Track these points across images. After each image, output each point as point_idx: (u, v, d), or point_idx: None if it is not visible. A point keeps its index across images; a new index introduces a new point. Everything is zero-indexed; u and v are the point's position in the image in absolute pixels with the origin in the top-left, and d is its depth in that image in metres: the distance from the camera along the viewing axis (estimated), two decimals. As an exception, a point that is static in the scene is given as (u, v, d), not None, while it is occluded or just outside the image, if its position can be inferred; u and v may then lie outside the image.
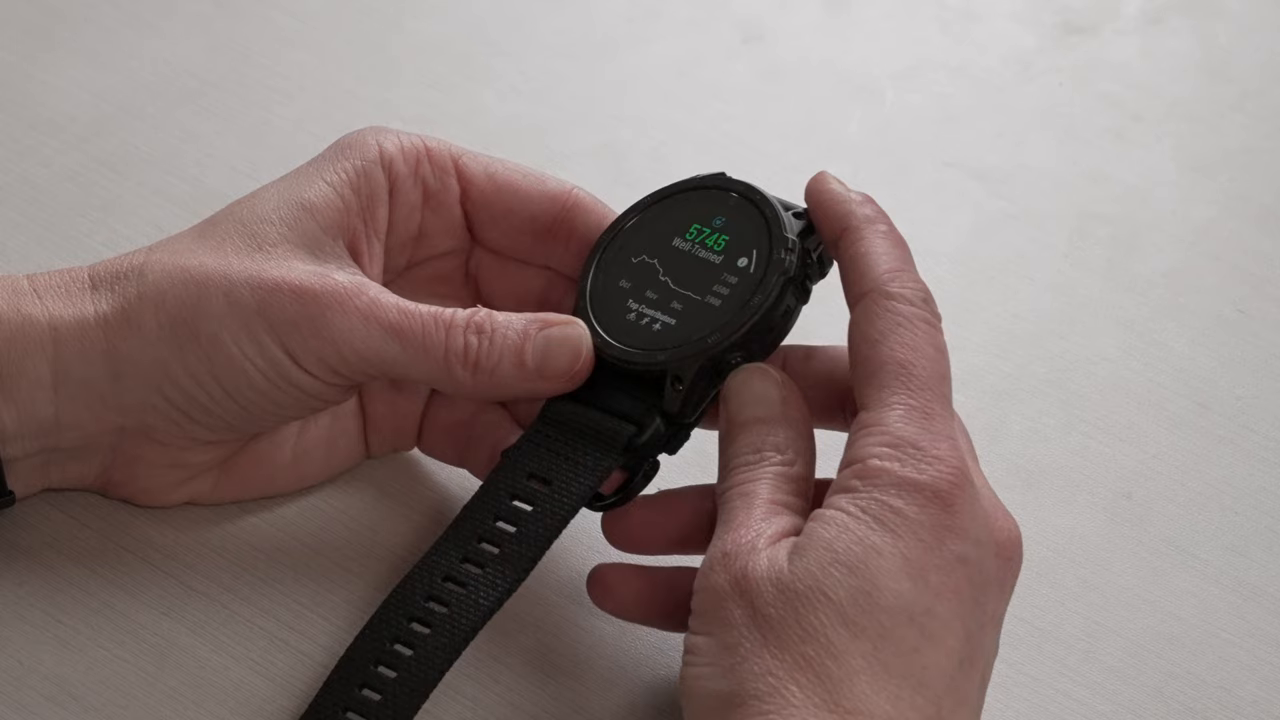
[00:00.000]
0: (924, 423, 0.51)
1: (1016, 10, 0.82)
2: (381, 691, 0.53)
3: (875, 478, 0.51)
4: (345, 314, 0.56)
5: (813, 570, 0.49)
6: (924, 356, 0.53)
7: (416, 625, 0.54)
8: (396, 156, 0.60)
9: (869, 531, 0.50)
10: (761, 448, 0.54)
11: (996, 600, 0.51)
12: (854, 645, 0.49)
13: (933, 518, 0.50)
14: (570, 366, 0.57)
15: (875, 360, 0.53)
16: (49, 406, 0.56)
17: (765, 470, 0.53)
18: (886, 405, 0.52)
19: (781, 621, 0.49)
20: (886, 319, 0.53)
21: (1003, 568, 0.52)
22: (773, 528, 0.51)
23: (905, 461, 0.51)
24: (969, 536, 0.50)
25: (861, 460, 0.51)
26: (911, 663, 0.49)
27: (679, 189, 0.60)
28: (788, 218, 0.58)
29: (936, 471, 0.50)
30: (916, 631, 0.49)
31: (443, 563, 0.55)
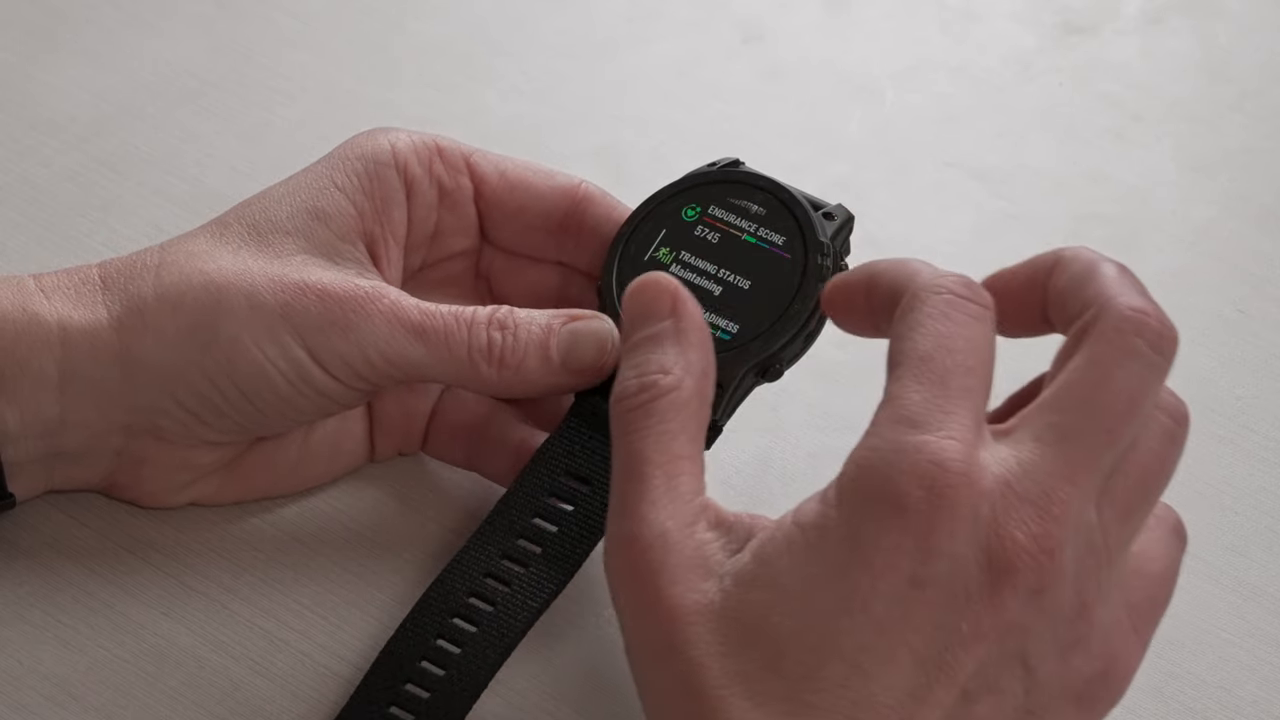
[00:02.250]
0: (912, 418, 0.47)
1: (1016, 10, 0.82)
2: (430, 688, 0.53)
3: (844, 488, 0.47)
4: (369, 317, 0.56)
5: (751, 609, 0.47)
6: (940, 344, 0.48)
7: (460, 621, 0.54)
8: (410, 157, 0.60)
9: (815, 564, 0.47)
10: (644, 370, 0.50)
11: (981, 616, 0.47)
12: (773, 686, 0.46)
13: (891, 540, 0.46)
14: (597, 360, 0.57)
15: (893, 355, 0.49)
16: (54, 407, 0.56)
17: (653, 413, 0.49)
18: (884, 401, 0.48)
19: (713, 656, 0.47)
20: (918, 311, 0.49)
21: (992, 581, 0.46)
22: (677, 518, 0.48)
23: (876, 470, 0.47)
24: (939, 553, 0.46)
25: (844, 465, 0.48)
26: (839, 699, 0.46)
27: (698, 181, 0.60)
28: (818, 218, 0.58)
29: (906, 479, 0.46)
30: (846, 668, 0.46)
31: (483, 559, 0.55)
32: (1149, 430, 0.49)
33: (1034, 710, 0.48)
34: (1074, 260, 0.51)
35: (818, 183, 0.62)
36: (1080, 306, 0.50)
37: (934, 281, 0.49)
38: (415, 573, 0.59)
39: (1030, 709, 0.48)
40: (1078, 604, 0.48)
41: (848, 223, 0.59)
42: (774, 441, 0.64)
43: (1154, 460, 0.49)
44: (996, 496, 0.47)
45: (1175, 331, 0.49)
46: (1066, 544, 0.47)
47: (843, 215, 0.59)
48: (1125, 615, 0.49)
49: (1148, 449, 0.49)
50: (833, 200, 0.60)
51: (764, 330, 0.57)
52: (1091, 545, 0.48)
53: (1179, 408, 0.50)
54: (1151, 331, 0.49)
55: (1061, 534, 0.47)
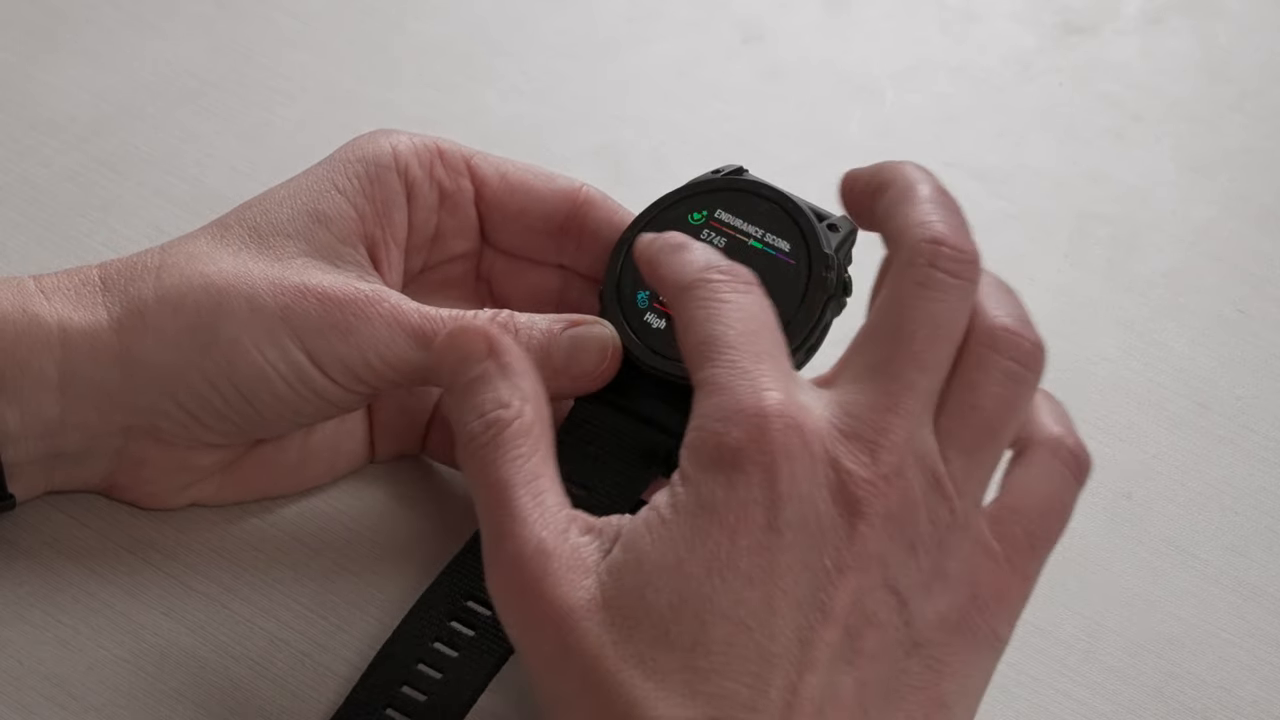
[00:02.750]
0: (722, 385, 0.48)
1: (1016, 10, 0.82)
2: (426, 691, 0.54)
3: (684, 466, 0.48)
4: (369, 320, 0.56)
5: (628, 593, 0.47)
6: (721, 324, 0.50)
7: (458, 625, 0.54)
8: (411, 159, 0.60)
9: (675, 537, 0.47)
10: (483, 409, 0.50)
11: (841, 550, 0.47)
12: (667, 660, 0.46)
13: (737, 496, 0.47)
14: (597, 366, 0.57)
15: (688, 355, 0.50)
16: (54, 407, 0.56)
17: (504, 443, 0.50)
18: (695, 388, 0.49)
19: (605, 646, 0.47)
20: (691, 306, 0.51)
21: (843, 514, 0.48)
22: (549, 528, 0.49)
23: (704, 437, 0.48)
24: (786, 496, 0.47)
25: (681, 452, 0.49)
26: (731, 657, 0.46)
27: (701, 189, 0.60)
28: (823, 230, 0.58)
29: (734, 434, 0.48)
30: (729, 626, 0.47)
31: (479, 566, 0.55)
32: (985, 369, 0.50)
33: (919, 642, 0.48)
34: (893, 181, 0.52)
35: (817, 184, 0.62)
36: (892, 234, 0.51)
37: (695, 275, 0.51)
38: (415, 573, 0.59)
39: (915, 641, 0.48)
40: (932, 532, 0.49)
41: (851, 234, 0.59)
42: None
43: (992, 398, 0.50)
44: (826, 434, 0.48)
45: (975, 253, 0.51)
46: (906, 469, 0.48)
47: (846, 226, 0.58)
48: (993, 544, 0.50)
49: (985, 388, 0.50)
50: (834, 204, 0.60)
51: None
52: (935, 476, 0.49)
53: (1021, 344, 0.51)
54: (947, 259, 0.50)
55: (897, 460, 0.48)
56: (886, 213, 0.52)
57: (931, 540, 0.49)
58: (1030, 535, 0.51)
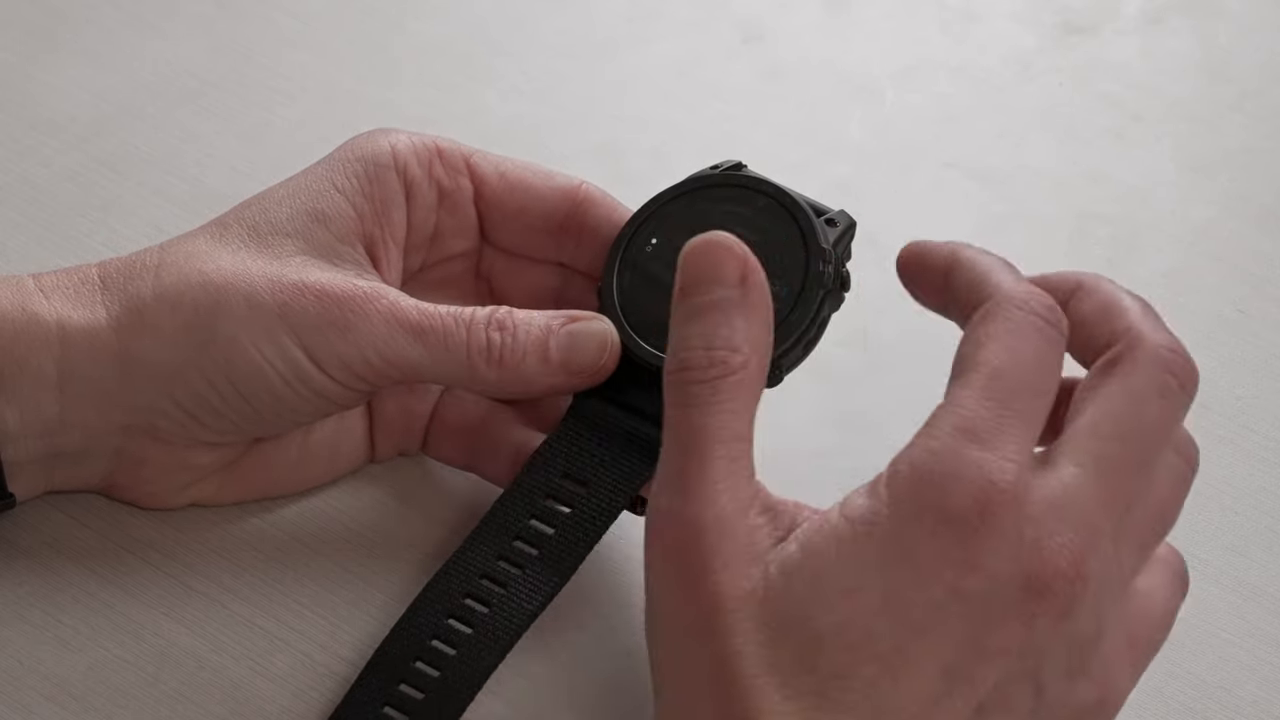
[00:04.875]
0: (974, 431, 0.47)
1: (1016, 10, 0.82)
2: (424, 689, 0.53)
3: (897, 488, 0.47)
4: (367, 317, 0.56)
5: (794, 600, 0.47)
6: (1016, 362, 0.49)
7: (455, 622, 0.54)
8: (410, 158, 0.60)
9: (861, 560, 0.47)
10: (712, 344, 0.49)
11: (1011, 633, 0.47)
12: (805, 680, 0.46)
13: (938, 548, 0.46)
14: (596, 361, 0.57)
15: (965, 359, 0.49)
16: (53, 406, 0.56)
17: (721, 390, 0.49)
18: (947, 404, 0.48)
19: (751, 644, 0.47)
20: (998, 323, 0.49)
21: (1026, 601, 0.47)
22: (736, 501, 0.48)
23: (931, 477, 0.47)
24: (981, 568, 0.46)
25: (897, 461, 0.48)
26: (865, 698, 0.46)
27: (700, 184, 0.60)
28: (820, 224, 0.58)
29: (961, 492, 0.47)
30: (878, 669, 0.46)
31: (479, 560, 0.55)
32: (1166, 468, 0.51)
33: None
34: (1096, 289, 0.52)
35: (817, 183, 0.62)
36: (1108, 336, 0.51)
37: (1018, 295, 0.50)
38: (415, 573, 0.59)
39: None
40: (1093, 631, 0.48)
41: (850, 229, 0.59)
42: (774, 441, 0.64)
43: (1168, 499, 0.51)
44: (1040, 519, 0.47)
45: (1198, 372, 0.51)
46: (1095, 571, 0.48)
47: (845, 221, 0.58)
48: (1128, 649, 0.50)
49: (1165, 486, 0.51)
50: (834, 203, 0.60)
51: None
52: (1110, 575, 0.49)
53: (1192, 451, 0.52)
54: (1182, 370, 0.50)
55: (1093, 560, 0.48)
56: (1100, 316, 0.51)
57: (1089, 639, 0.48)
58: (1151, 641, 0.51)
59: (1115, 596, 0.49)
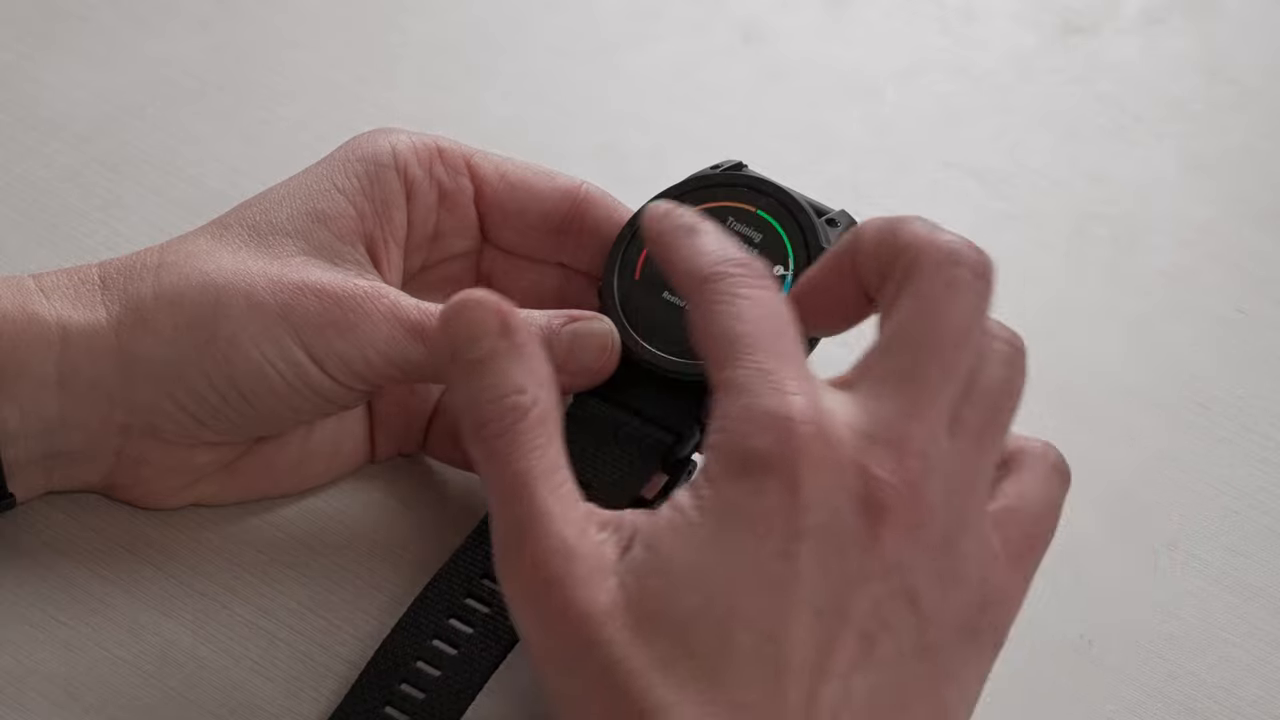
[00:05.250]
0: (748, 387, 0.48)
1: (1016, 10, 0.82)
2: (424, 689, 0.54)
3: (709, 467, 0.48)
4: (368, 316, 0.56)
5: (652, 597, 0.47)
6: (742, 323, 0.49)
7: (457, 622, 0.54)
8: (410, 158, 0.60)
9: (700, 540, 0.47)
10: (498, 394, 0.49)
11: (864, 558, 0.47)
12: (689, 666, 0.46)
13: (762, 501, 0.47)
14: (596, 361, 0.57)
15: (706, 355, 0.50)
16: (53, 406, 0.56)
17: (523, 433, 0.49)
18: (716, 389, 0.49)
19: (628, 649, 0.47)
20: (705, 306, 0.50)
21: (867, 523, 0.47)
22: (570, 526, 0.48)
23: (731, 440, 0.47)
24: (810, 505, 0.47)
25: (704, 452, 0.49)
26: (753, 666, 0.46)
27: (701, 184, 0.60)
28: (821, 224, 0.58)
29: (760, 437, 0.47)
30: (753, 635, 0.46)
31: (479, 560, 0.55)
32: (987, 357, 0.50)
33: (929, 646, 0.48)
34: (871, 224, 0.52)
35: (817, 183, 0.62)
36: (893, 256, 0.50)
37: (710, 270, 0.50)
38: (414, 573, 0.59)
39: (925, 645, 0.48)
40: (948, 535, 0.48)
41: (850, 229, 0.59)
42: (774, 441, 0.64)
43: (998, 386, 0.50)
44: (851, 442, 0.48)
45: (990, 258, 0.50)
46: (929, 477, 0.48)
47: (845, 221, 0.59)
48: (1000, 548, 0.50)
49: (990, 376, 0.50)
50: (834, 203, 0.60)
51: None
52: (952, 476, 0.49)
53: (1012, 333, 0.51)
54: (969, 259, 0.50)
55: (922, 467, 0.48)
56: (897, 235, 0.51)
57: (947, 542, 0.48)
58: (1029, 538, 0.50)
59: (965, 494, 0.49)
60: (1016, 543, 0.50)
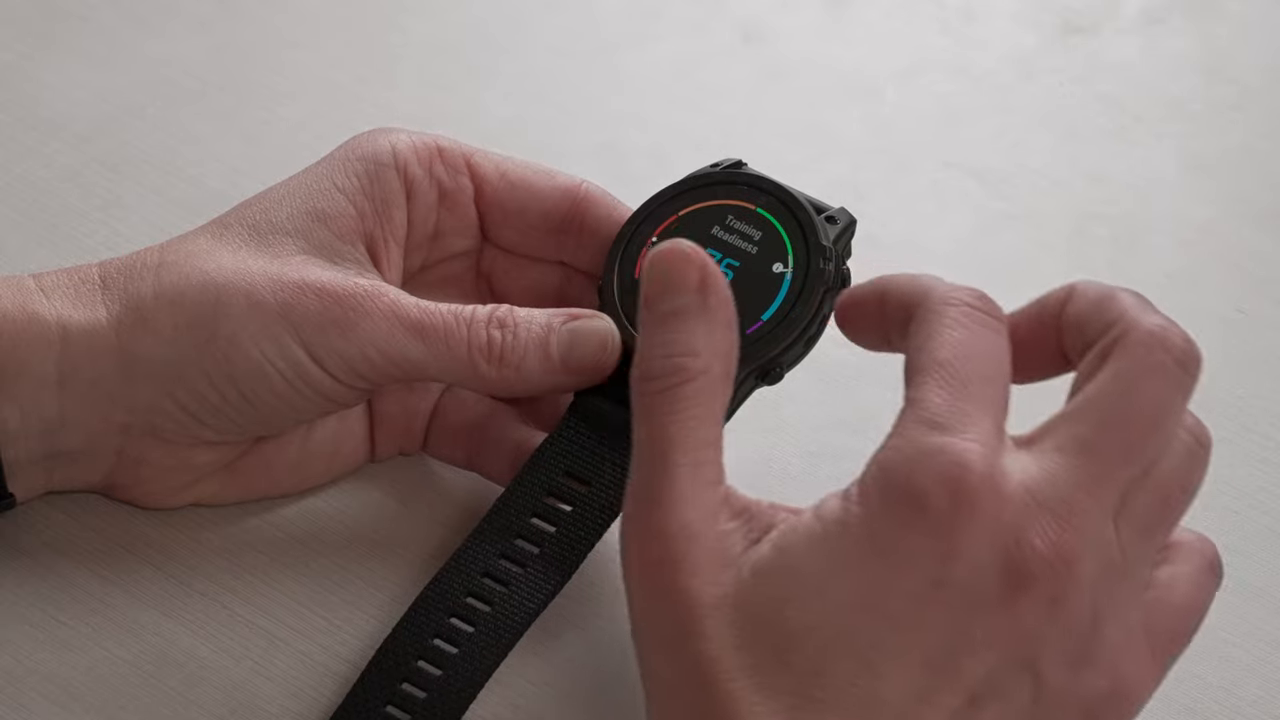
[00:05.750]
0: (935, 421, 0.47)
1: (1016, 10, 0.82)
2: (426, 688, 0.54)
3: (868, 486, 0.47)
4: (368, 315, 0.56)
5: (766, 600, 0.47)
6: (960, 353, 0.48)
7: (458, 621, 0.54)
8: (410, 157, 0.60)
9: (835, 558, 0.46)
10: (671, 351, 0.49)
11: (996, 623, 0.46)
12: (783, 679, 0.46)
13: (913, 539, 0.46)
14: (596, 359, 0.57)
15: (912, 364, 0.49)
16: (53, 406, 0.56)
17: (682, 398, 0.48)
18: (906, 407, 0.48)
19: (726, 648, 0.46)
20: (935, 322, 0.49)
21: (1008, 588, 0.46)
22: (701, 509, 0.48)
23: (899, 468, 0.47)
24: (959, 556, 0.46)
25: (869, 464, 0.48)
26: (846, 695, 0.46)
27: (701, 182, 0.60)
28: (821, 221, 0.58)
29: (930, 477, 0.46)
30: (856, 665, 0.46)
31: (480, 558, 0.55)
32: (1172, 449, 0.49)
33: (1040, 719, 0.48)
34: (1088, 289, 0.51)
35: (817, 183, 0.62)
36: (1101, 328, 0.50)
37: (950, 294, 0.50)
38: (415, 573, 0.59)
39: (1035, 717, 0.48)
40: (1091, 618, 0.48)
41: (850, 226, 0.59)
42: (774, 441, 0.64)
43: (1176, 479, 0.49)
44: (1018, 503, 0.47)
45: (1199, 350, 0.49)
46: (1085, 556, 0.47)
47: (845, 219, 0.59)
48: (1142, 639, 0.49)
49: (1170, 468, 0.49)
50: (834, 201, 0.60)
51: (765, 333, 0.57)
52: (1108, 560, 0.48)
53: (1202, 429, 0.50)
54: (1177, 348, 0.49)
55: (1080, 545, 0.47)
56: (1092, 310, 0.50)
57: (1088, 626, 0.48)
58: (1173, 632, 0.50)
59: (1117, 582, 0.48)
60: (1160, 635, 0.49)
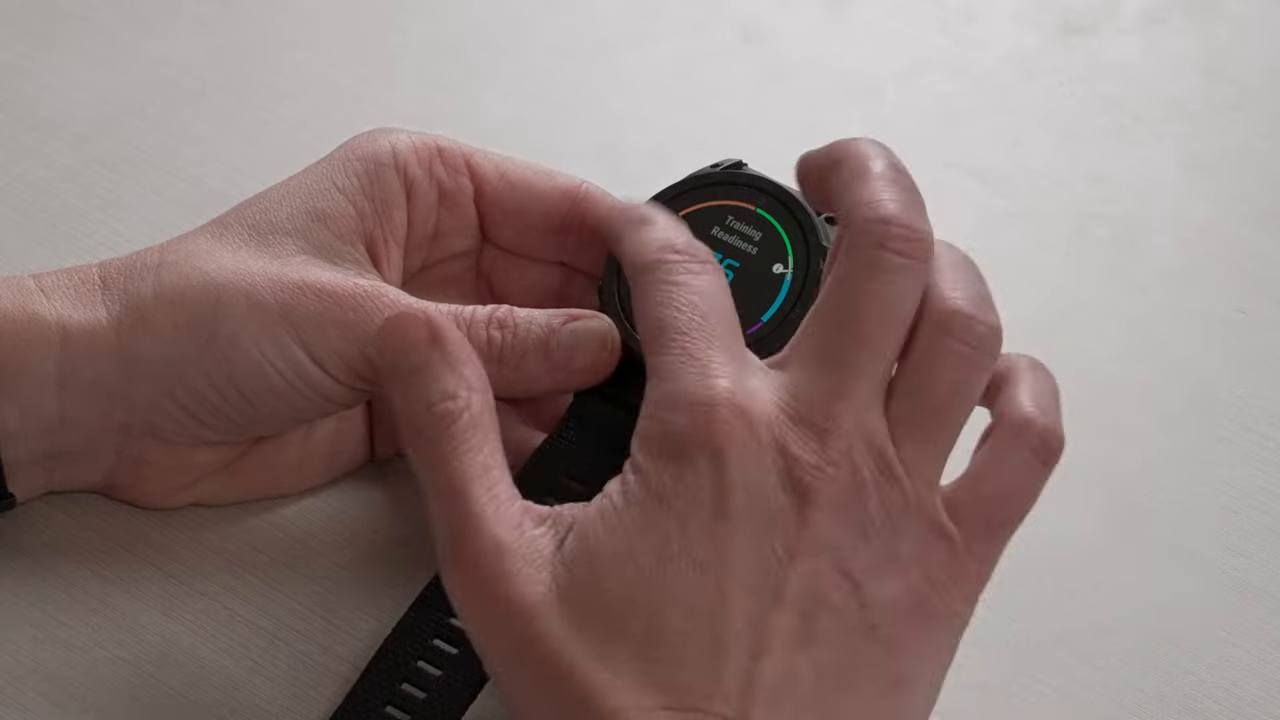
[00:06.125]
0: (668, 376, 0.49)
1: (1016, 10, 0.82)
2: (426, 689, 0.54)
3: (636, 456, 0.49)
4: (369, 315, 0.56)
5: (583, 584, 0.47)
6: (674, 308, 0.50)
7: (458, 621, 0.54)
8: (410, 157, 0.60)
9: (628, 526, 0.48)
10: (430, 400, 0.50)
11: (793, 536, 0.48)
12: (622, 649, 0.47)
13: (686, 485, 0.47)
14: (596, 360, 0.57)
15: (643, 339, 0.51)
16: (53, 405, 0.56)
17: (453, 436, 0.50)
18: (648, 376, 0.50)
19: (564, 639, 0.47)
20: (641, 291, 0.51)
21: (793, 501, 0.48)
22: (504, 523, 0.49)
23: (653, 425, 0.48)
24: (734, 486, 0.47)
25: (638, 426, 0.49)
26: (684, 645, 0.47)
27: (701, 183, 0.60)
28: (821, 222, 0.58)
29: (681, 420, 0.48)
30: (681, 613, 0.47)
31: None
32: (936, 353, 0.50)
33: (874, 624, 0.48)
34: (845, 159, 0.52)
35: (818, 183, 0.62)
36: (842, 214, 0.51)
37: (655, 256, 0.51)
38: (415, 573, 0.59)
39: (871, 623, 0.48)
40: (883, 515, 0.48)
41: None
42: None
43: (943, 382, 0.50)
44: (774, 421, 0.48)
45: (925, 232, 0.50)
46: (855, 454, 0.48)
47: None
48: (951, 528, 0.49)
49: (936, 372, 0.50)
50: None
51: (765, 334, 0.57)
52: (885, 460, 0.49)
53: (974, 327, 0.50)
54: (897, 239, 0.50)
55: (846, 445, 0.48)
56: (839, 192, 0.52)
57: (883, 524, 0.49)
58: (987, 519, 0.50)
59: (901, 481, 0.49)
60: (972, 523, 0.50)
